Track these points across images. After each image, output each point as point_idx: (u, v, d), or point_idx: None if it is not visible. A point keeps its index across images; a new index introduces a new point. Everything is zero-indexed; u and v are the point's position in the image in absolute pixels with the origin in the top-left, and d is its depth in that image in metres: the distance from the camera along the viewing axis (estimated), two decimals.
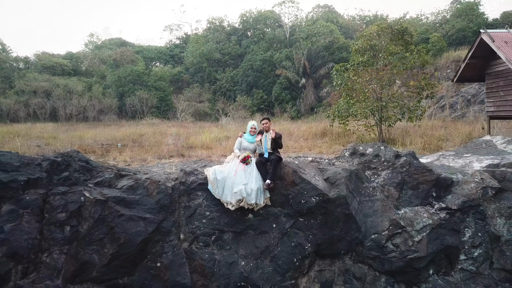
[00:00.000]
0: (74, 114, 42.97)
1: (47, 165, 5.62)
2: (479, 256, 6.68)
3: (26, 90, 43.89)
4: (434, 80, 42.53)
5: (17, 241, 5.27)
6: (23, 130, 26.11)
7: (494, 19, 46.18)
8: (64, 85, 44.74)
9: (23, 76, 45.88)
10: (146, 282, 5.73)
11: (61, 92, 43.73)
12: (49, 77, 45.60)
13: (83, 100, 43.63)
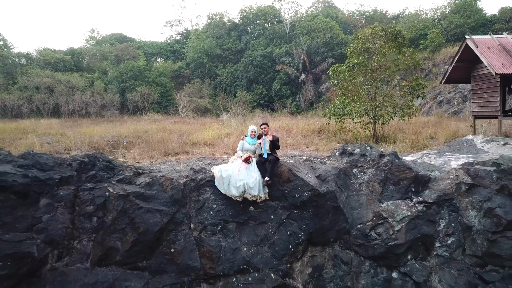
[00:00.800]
0: (77, 109, 43.81)
1: (77, 165, 6.57)
2: (452, 243, 7.65)
3: (29, 86, 44.66)
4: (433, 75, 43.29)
5: (53, 229, 6.24)
6: (30, 126, 26.93)
7: (492, 15, 46.77)
8: (66, 81, 45.48)
9: (26, 72, 46.59)
10: (162, 265, 6.71)
11: (64, 88, 44.51)
12: (51, 73, 46.37)
13: (85, 96, 44.40)
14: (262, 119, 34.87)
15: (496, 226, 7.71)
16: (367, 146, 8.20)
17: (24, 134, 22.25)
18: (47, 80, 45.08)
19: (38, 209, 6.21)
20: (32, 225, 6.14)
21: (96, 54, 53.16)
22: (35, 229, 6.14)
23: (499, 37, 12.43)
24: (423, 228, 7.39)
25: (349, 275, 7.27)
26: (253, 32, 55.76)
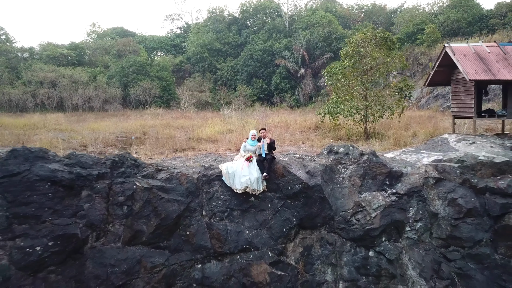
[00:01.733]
0: (80, 104, 45.19)
1: (110, 163, 8.13)
2: (420, 228, 9.24)
3: (33, 80, 45.95)
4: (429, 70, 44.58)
5: (92, 215, 7.82)
6: (40, 122, 28.32)
7: (488, 10, 47.92)
8: (69, 75, 46.75)
9: (29, 67, 47.84)
10: (179, 245, 8.31)
11: (67, 82, 45.80)
12: (54, 67, 47.65)
13: (88, 90, 45.73)
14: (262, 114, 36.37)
15: (458, 214, 9.29)
16: (350, 146, 9.75)
17: (35, 130, 23.72)
18: (51, 74, 46.35)
19: (80, 199, 7.79)
20: (76, 212, 7.73)
21: (98, 48, 54.38)
22: (78, 215, 7.73)
23: (474, 45, 13.86)
24: (395, 215, 8.97)
25: (333, 254, 8.88)
26: (253, 26, 56.90)
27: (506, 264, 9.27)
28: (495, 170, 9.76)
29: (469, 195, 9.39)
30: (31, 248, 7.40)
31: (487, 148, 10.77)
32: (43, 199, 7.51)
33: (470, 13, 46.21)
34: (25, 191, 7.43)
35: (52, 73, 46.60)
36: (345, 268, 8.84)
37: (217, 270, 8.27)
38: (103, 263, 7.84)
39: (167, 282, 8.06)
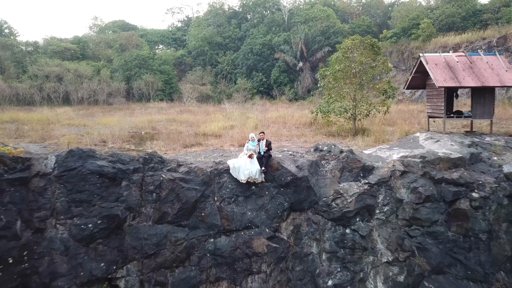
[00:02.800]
0: (85, 97, 47.37)
1: (142, 160, 10.59)
2: (387, 210, 11.73)
3: (39, 74, 47.99)
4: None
5: (130, 200, 10.31)
6: (52, 116, 30.47)
7: (483, 5, 49.79)
8: (74, 69, 48.80)
9: (35, 61, 49.86)
10: (196, 224, 10.80)
11: (72, 76, 47.89)
12: (59, 62, 49.69)
13: (93, 84, 47.83)
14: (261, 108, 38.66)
15: (418, 199, 11.76)
16: (332, 145, 12.19)
17: (51, 125, 25.96)
18: (56, 69, 48.39)
19: (121, 188, 10.27)
20: (118, 198, 10.21)
21: (101, 42, 56.38)
22: (119, 200, 10.22)
23: (445, 55, 16.17)
24: (367, 200, 11.46)
25: (317, 231, 11.40)
26: (252, 20, 58.82)
27: (457, 240, 11.78)
28: (450, 164, 12.22)
29: (428, 185, 11.86)
30: (85, 225, 9.91)
31: (447, 146, 13.24)
32: (93, 188, 10.00)
33: (465, 8, 48.06)
34: (80, 182, 9.91)
35: (57, 67, 48.63)
36: (327, 242, 11.37)
37: (226, 243, 10.80)
38: (138, 237, 10.37)
39: (187, 252, 10.60)
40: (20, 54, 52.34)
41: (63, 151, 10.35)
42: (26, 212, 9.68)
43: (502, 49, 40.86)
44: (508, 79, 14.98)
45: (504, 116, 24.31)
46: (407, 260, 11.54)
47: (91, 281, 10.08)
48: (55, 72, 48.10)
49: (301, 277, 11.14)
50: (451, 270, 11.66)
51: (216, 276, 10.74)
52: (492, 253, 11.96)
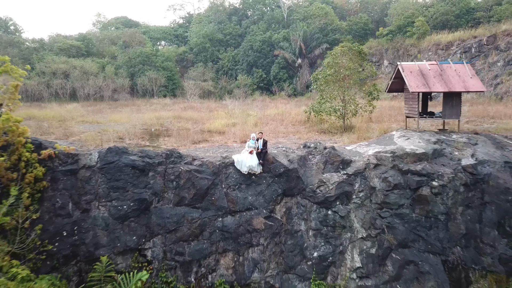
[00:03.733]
0: (92, 94, 50.17)
1: (164, 155, 13.56)
2: (362, 196, 14.71)
3: (46, 71, 50.74)
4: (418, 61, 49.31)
5: (155, 187, 13.29)
6: (66, 113, 33.24)
7: (476, 3, 52.28)
8: (80, 66, 51.55)
9: (42, 58, 52.59)
10: (207, 206, 13.81)
11: (78, 73, 50.64)
12: (66, 59, 52.45)
13: (98, 81, 50.61)
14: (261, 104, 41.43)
15: (388, 187, 14.72)
16: (318, 143, 15.15)
17: (66, 122, 28.74)
18: (63, 66, 51.14)
19: (148, 177, 13.26)
20: (146, 185, 13.21)
21: (105, 39, 59.08)
22: (147, 187, 13.22)
23: (420, 63, 19.03)
24: (345, 188, 14.44)
25: (305, 212, 14.40)
26: (252, 17, 61.45)
27: (419, 220, 14.76)
28: (415, 158, 15.18)
29: (396, 175, 14.82)
30: (120, 206, 12.92)
31: (415, 143, 16.20)
32: (127, 177, 12.99)
33: (458, 6, 50.56)
34: (117, 172, 12.90)
35: (64, 64, 51.38)
36: (313, 222, 14.38)
37: (231, 221, 13.82)
38: (162, 216, 13.38)
39: (201, 229, 13.62)
40: (27, 52, 55.02)
41: (103, 148, 13.34)
42: (76, 196, 12.68)
43: (492, 47, 43.67)
44: (472, 85, 17.87)
45: (482, 114, 27.21)
46: (378, 236, 14.55)
47: (125, 251, 13.13)
48: (61, 69, 50.83)
49: (292, 249, 14.18)
50: (414, 245, 14.66)
51: (224, 248, 13.79)
52: (449, 231, 14.95)
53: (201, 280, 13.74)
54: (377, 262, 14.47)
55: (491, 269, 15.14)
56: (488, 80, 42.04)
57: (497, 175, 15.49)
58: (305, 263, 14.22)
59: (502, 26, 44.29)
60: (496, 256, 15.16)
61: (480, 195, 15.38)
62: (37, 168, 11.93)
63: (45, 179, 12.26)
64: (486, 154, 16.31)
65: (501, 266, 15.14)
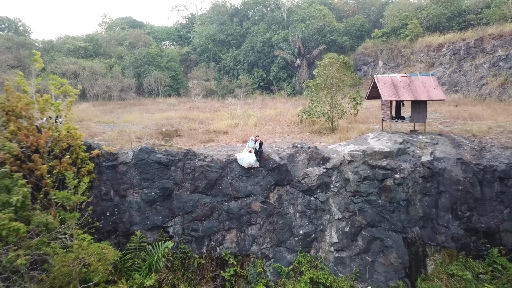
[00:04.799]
0: (100, 93, 54.58)
1: (183, 153, 18.02)
2: (339, 185, 19.14)
3: (57, 72, 55.00)
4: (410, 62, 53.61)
5: (175, 178, 17.77)
6: (81, 113, 37.59)
7: (467, 6, 56.19)
8: (89, 67, 55.92)
9: (52, 59, 56.97)
10: (216, 193, 18.29)
11: (87, 73, 55.00)
12: (75, 60, 56.84)
13: (106, 81, 54.96)
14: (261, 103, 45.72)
15: (359, 179, 19.12)
16: (304, 143, 19.57)
17: (84, 122, 33.03)
18: (72, 66, 55.47)
19: (170, 171, 17.74)
20: (169, 177, 17.71)
21: (111, 40, 63.43)
22: (170, 178, 17.70)
23: (392, 75, 23.35)
24: (324, 179, 18.87)
25: (293, 198, 18.85)
26: (253, 17, 65.65)
27: (385, 205, 19.15)
28: (382, 156, 19.57)
29: (366, 169, 19.20)
30: (149, 193, 17.41)
31: (384, 143, 20.59)
32: (154, 171, 17.45)
33: (450, 9, 54.53)
34: (147, 167, 17.37)
35: (74, 65, 55.73)
36: (299, 206, 18.82)
37: (235, 205, 18.28)
38: (181, 201, 17.85)
39: (211, 211, 18.09)
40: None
41: (136, 148, 17.81)
42: (116, 185, 17.17)
43: (479, 50, 47.77)
44: (435, 95, 22.21)
45: (458, 115, 31.51)
46: (351, 218, 18.98)
47: (153, 228, 17.63)
48: (71, 69, 55.15)
49: (282, 228, 18.65)
50: (380, 225, 19.08)
51: (229, 226, 18.28)
52: (409, 214, 19.34)
53: (211, 251, 18.26)
54: (350, 238, 18.92)
55: (445, 245, 19.56)
56: (474, 81, 46.27)
57: (451, 169, 19.85)
58: (293, 238, 18.71)
59: (488, 29, 48.22)
60: (449, 235, 19.57)
61: (436, 186, 19.73)
62: (88, 164, 16.37)
63: (94, 172, 16.71)
64: (443, 152, 20.69)
65: (453, 243, 19.57)
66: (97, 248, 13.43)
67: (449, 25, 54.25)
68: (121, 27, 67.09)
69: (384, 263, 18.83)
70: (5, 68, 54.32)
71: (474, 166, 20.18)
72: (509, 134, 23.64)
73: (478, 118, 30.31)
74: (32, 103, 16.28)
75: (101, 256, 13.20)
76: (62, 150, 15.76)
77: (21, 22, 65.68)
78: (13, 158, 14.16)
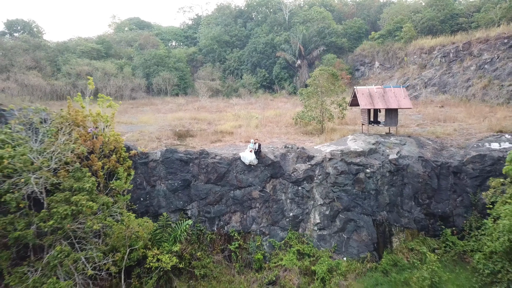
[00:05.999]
0: (112, 93, 60.75)
1: (198, 153, 24.27)
2: (321, 178, 25.32)
3: (72, 73, 61.44)
4: (404, 63, 59.48)
5: (193, 172, 24.07)
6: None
7: (459, 9, 61.57)
8: (102, 68, 62.18)
9: (67, 61, 63.28)
10: (224, 183, 24.58)
11: (100, 74, 61.24)
12: (88, 61, 63.16)
13: (118, 81, 61.21)
14: (263, 104, 51.73)
15: (337, 172, 25.26)
16: (294, 145, 25.70)
17: None
18: (86, 67, 61.76)
19: (189, 166, 24.07)
20: (188, 171, 24.05)
21: (121, 41, 69.64)
22: (188, 172, 24.04)
23: (370, 87, 29.34)
24: (309, 173, 25.04)
25: (284, 188, 25.09)
26: (257, 18, 71.52)
27: (358, 193, 25.26)
28: (356, 154, 25.66)
29: (343, 165, 25.31)
30: (173, 184, 23.74)
31: (359, 144, 26.68)
32: (177, 166, 23.77)
33: (443, 12, 60.05)
34: (171, 163, 23.68)
35: (87, 66, 62.01)
36: (289, 194, 25.01)
37: (239, 193, 24.55)
38: (197, 190, 24.15)
39: (220, 197, 24.38)
40: (53, 54, 65.75)
41: (163, 149, 24.06)
42: (147, 177, 23.47)
43: (467, 53, 53.47)
44: (403, 104, 28.21)
45: (434, 117, 37.52)
46: (330, 203, 25.12)
47: (176, 210, 23.94)
48: (85, 70, 61.39)
49: (276, 211, 24.87)
50: (354, 209, 25.21)
51: (234, 209, 24.55)
52: (378, 201, 25.45)
53: (220, 229, 24.54)
54: (330, 219, 25.08)
55: (407, 226, 25.66)
56: (461, 82, 52.13)
57: (413, 165, 25.90)
58: (284, 219, 24.93)
59: (476, 33, 53.87)
60: (411, 218, 25.66)
61: (401, 178, 25.80)
62: (128, 161, 22.58)
63: (131, 168, 22.95)
64: (408, 151, 26.74)
65: (414, 224, 25.64)
66: (141, 221, 19.76)
67: (442, 28, 59.65)
68: (130, 28, 73.24)
69: (357, 240, 24.98)
70: (24, 69, 60.77)
71: (433, 163, 26.20)
72: (467, 136, 29.71)
73: (451, 120, 36.33)
74: (88, 116, 22.44)
75: (144, 226, 19.49)
76: (110, 151, 21.98)
77: (35, 24, 71.97)
78: (77, 157, 20.38)
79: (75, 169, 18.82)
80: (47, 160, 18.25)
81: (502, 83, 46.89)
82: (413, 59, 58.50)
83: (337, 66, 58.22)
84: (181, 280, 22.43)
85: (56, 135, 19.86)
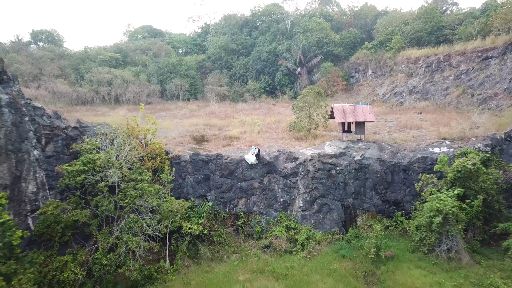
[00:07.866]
0: (130, 98, 73.77)
1: (215, 155, 37.26)
2: (304, 173, 38.18)
3: (94, 80, 74.46)
4: (393, 72, 71.69)
5: (212, 169, 37.15)
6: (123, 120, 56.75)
7: (446, 21, 73.41)
8: (121, 75, 75.13)
9: (89, 69, 76.34)
10: (234, 178, 37.61)
11: (120, 81, 74.18)
12: (109, 69, 76.20)
13: (135, 87, 74.14)
14: (265, 110, 64.41)
15: (316, 170, 38.04)
16: (285, 150, 38.47)
17: None
18: (107, 75, 74.74)
19: (209, 165, 37.21)
20: (208, 168, 37.21)
21: (137, 49, 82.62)
22: (208, 169, 37.27)
23: (344, 104, 41.99)
24: (295, 170, 37.90)
25: (277, 180, 38.02)
26: (261, 27, 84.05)
27: (330, 185, 38.03)
28: (329, 156, 38.44)
29: (320, 164, 38.07)
30: (197, 177, 36.91)
31: (332, 148, 39.48)
32: (200, 165, 36.88)
33: (430, 24, 71.96)
34: (196, 163, 36.78)
35: (108, 74, 74.98)
36: (280, 185, 37.89)
37: (244, 184, 37.55)
38: (214, 182, 37.22)
39: (231, 187, 37.42)
40: (76, 62, 78.93)
41: (190, 153, 37.05)
42: (180, 173, 36.57)
43: (447, 64, 65.53)
44: (369, 118, 40.86)
45: (405, 125, 50.08)
46: (310, 192, 37.90)
47: (199, 196, 37.03)
48: (106, 78, 74.36)
49: (271, 197, 37.78)
50: (328, 196, 37.99)
51: (240, 196, 37.56)
52: (346, 191, 38.22)
53: (231, 210, 37.55)
54: (309, 204, 37.90)
55: (368, 209, 38.49)
56: (440, 91, 64.34)
57: (373, 164, 38.65)
58: (277, 204, 37.83)
59: (455, 46, 65.77)
60: (372, 203, 38.47)
61: (364, 174, 38.54)
62: (167, 162, 35.45)
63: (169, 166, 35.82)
64: (370, 154, 39.48)
65: (374, 208, 38.47)
66: (179, 201, 32.75)
67: (429, 39, 71.58)
68: (143, 36, 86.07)
69: (330, 219, 37.81)
70: (52, 77, 73.96)
71: (388, 163, 38.90)
72: (420, 141, 42.34)
73: (416, 127, 48.86)
74: (140, 130, 35.38)
75: (181, 205, 32.48)
76: (155, 155, 34.91)
77: (56, 33, 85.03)
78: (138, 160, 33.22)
79: (137, 167, 31.83)
80: (121, 162, 31.24)
81: (474, 92, 58.91)
82: (401, 68, 70.70)
83: (334, 73, 70.52)
84: (203, 245, 35.42)
85: (124, 144, 32.82)
